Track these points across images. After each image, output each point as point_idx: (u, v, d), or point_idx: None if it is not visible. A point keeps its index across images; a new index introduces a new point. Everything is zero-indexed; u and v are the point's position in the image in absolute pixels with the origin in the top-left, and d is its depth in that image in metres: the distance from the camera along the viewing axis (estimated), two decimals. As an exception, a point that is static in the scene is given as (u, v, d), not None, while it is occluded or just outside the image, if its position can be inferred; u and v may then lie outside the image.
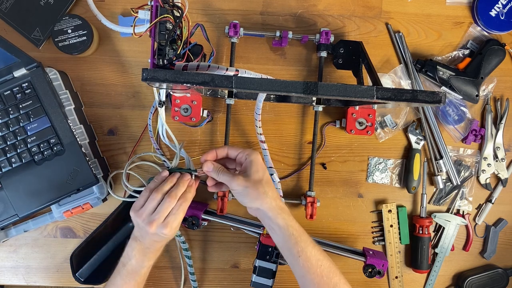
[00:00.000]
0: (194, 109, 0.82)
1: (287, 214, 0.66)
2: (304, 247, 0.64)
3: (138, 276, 0.69)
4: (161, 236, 0.65)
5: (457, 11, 0.88)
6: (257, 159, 0.65)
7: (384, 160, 0.88)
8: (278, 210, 0.65)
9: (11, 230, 0.83)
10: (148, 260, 0.69)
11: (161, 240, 0.67)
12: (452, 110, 0.87)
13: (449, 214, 0.88)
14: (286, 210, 0.66)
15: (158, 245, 0.69)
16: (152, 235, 0.65)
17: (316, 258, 0.65)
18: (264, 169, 0.66)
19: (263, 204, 0.64)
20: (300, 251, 0.64)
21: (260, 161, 0.66)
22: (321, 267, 0.65)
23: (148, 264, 0.69)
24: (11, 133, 0.75)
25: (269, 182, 0.66)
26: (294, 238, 0.65)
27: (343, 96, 0.58)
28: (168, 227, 0.64)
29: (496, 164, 0.88)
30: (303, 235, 0.66)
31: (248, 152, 0.66)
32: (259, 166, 0.65)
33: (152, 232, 0.64)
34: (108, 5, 0.85)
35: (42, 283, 0.87)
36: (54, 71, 0.79)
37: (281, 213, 0.65)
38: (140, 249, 0.68)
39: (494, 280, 0.88)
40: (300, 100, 0.84)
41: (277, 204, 0.65)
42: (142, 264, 0.69)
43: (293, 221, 0.66)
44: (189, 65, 0.60)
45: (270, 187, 0.65)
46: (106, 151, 0.85)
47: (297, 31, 0.86)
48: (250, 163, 0.65)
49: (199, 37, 0.68)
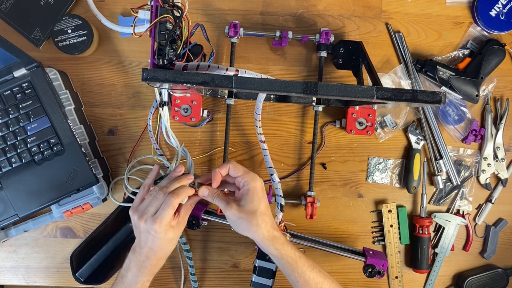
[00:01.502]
0: (194, 109, 0.82)
1: (281, 244, 0.65)
2: (301, 272, 0.64)
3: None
4: (153, 236, 0.63)
5: (457, 11, 0.88)
6: (254, 188, 0.63)
7: (384, 160, 0.88)
8: (270, 241, 0.64)
9: (11, 230, 0.83)
10: (143, 276, 0.66)
11: (154, 243, 0.64)
12: (452, 110, 0.87)
13: (449, 214, 0.88)
14: (280, 239, 0.65)
15: (153, 257, 0.65)
16: (144, 234, 0.64)
17: (315, 281, 0.65)
18: (261, 199, 0.64)
19: (255, 236, 0.64)
20: (298, 277, 0.65)
21: (258, 190, 0.64)
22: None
23: (143, 280, 0.66)
24: (11, 133, 0.75)
25: (264, 213, 0.64)
26: (289, 266, 0.65)
27: (343, 96, 0.58)
28: (157, 222, 0.62)
29: (496, 164, 0.88)
30: (299, 260, 0.65)
31: (247, 178, 0.64)
32: (255, 196, 0.63)
33: (143, 228, 0.63)
34: (108, 5, 0.85)
35: (42, 283, 0.87)
36: (54, 71, 0.79)
37: (274, 243, 0.64)
38: (136, 263, 0.66)
39: (494, 280, 0.88)
40: (300, 100, 0.84)
41: (270, 234, 0.64)
42: (137, 279, 0.66)
43: (287, 249, 0.65)
44: (189, 65, 0.60)
45: (264, 219, 0.63)
46: (106, 151, 0.85)
47: (297, 31, 0.86)
48: (247, 191, 0.63)
49: (199, 37, 0.68)
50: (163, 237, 0.64)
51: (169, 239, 0.65)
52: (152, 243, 0.64)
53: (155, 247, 0.65)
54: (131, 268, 0.66)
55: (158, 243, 0.64)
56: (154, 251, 0.65)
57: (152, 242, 0.64)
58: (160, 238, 0.63)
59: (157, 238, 0.63)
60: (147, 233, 0.64)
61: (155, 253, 0.65)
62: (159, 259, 0.67)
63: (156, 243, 0.64)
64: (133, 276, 0.66)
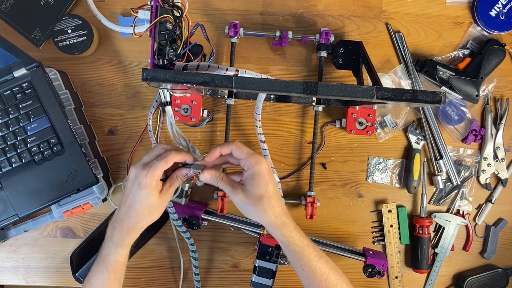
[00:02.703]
0: (194, 109, 0.82)
1: (289, 230, 0.63)
2: (308, 261, 0.63)
3: (105, 265, 0.63)
4: (137, 185, 0.59)
5: (457, 11, 0.88)
6: (260, 172, 0.59)
7: (384, 160, 0.88)
8: (278, 227, 0.62)
9: (11, 230, 0.83)
10: (114, 246, 0.62)
11: (136, 196, 0.60)
12: (452, 110, 0.87)
13: (449, 214, 0.88)
14: (289, 226, 0.63)
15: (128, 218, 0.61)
16: (130, 183, 0.60)
17: (321, 272, 0.63)
18: (267, 183, 0.60)
19: (262, 221, 0.62)
20: (304, 265, 0.63)
21: (264, 173, 0.60)
22: (327, 280, 0.63)
23: (114, 251, 0.62)
24: (11, 133, 0.75)
25: (271, 197, 0.61)
26: (296, 254, 0.63)
27: (343, 96, 0.58)
28: (146, 168, 0.59)
29: (496, 164, 0.88)
30: (306, 249, 0.63)
31: (253, 161, 0.60)
32: (261, 180, 0.59)
33: (131, 176, 0.60)
34: (108, 5, 0.85)
35: (42, 283, 0.87)
36: (54, 71, 0.79)
37: (281, 230, 0.62)
38: (109, 232, 0.63)
39: (494, 280, 0.88)
40: (300, 100, 0.84)
41: (277, 220, 0.62)
42: (108, 250, 0.63)
43: (295, 236, 0.63)
44: (189, 65, 0.60)
45: (271, 204, 0.61)
46: (106, 151, 0.85)
47: (297, 31, 0.86)
48: (252, 175, 0.60)
49: (199, 37, 0.68)
50: (144, 193, 0.60)
51: (148, 203, 0.61)
52: (132, 197, 0.61)
53: (133, 202, 0.61)
54: (106, 240, 0.64)
55: (138, 196, 0.60)
56: (131, 209, 0.61)
57: (133, 194, 0.60)
58: (142, 190, 0.59)
59: (139, 189, 0.60)
60: (132, 181, 0.60)
61: (130, 213, 0.61)
62: (132, 225, 0.62)
63: (136, 196, 0.60)
64: (106, 247, 0.63)
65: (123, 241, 0.63)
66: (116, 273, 0.64)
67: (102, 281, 0.63)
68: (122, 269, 0.65)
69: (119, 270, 0.64)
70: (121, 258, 0.64)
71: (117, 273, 0.64)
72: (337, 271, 0.65)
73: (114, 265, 0.63)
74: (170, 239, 0.86)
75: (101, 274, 0.63)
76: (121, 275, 0.65)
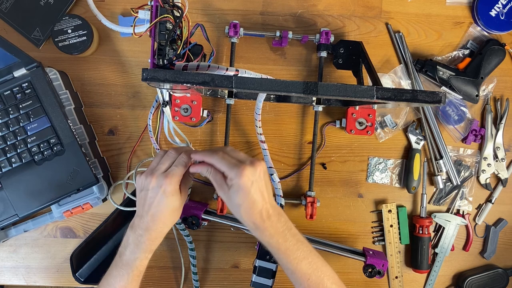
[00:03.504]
0: (194, 109, 0.82)
1: (268, 236, 0.62)
2: (286, 263, 0.63)
3: (131, 269, 0.64)
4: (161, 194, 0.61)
5: (457, 11, 0.88)
6: (238, 185, 0.59)
7: (384, 160, 0.88)
8: (256, 231, 0.62)
9: (11, 230, 0.83)
10: (141, 252, 0.64)
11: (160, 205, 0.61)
12: (452, 110, 0.87)
13: (449, 214, 0.88)
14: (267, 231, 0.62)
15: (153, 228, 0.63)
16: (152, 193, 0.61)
17: (303, 273, 0.63)
18: (247, 195, 0.59)
19: (239, 220, 0.63)
20: (283, 266, 0.64)
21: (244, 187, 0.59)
22: (309, 280, 0.63)
23: (141, 256, 0.64)
24: (11, 133, 0.75)
25: (249, 208, 0.60)
26: (275, 255, 0.64)
27: (343, 96, 0.58)
28: (168, 177, 0.60)
29: (496, 164, 0.88)
30: (286, 252, 0.63)
31: (232, 175, 0.59)
32: (240, 192, 0.59)
33: (152, 186, 0.61)
34: (108, 5, 0.85)
35: (42, 283, 0.87)
36: (54, 71, 0.79)
37: (260, 234, 0.62)
38: (134, 237, 0.64)
39: (494, 280, 0.88)
40: (300, 100, 0.84)
41: (255, 226, 0.61)
42: (135, 256, 0.64)
43: (273, 241, 0.62)
44: (189, 65, 0.60)
45: (249, 212, 0.60)
46: (106, 151, 0.85)
47: (297, 31, 0.86)
48: (232, 187, 0.60)
49: (199, 37, 0.68)
50: (170, 200, 0.61)
51: (173, 208, 0.62)
52: (157, 205, 0.61)
53: (159, 211, 0.62)
54: (129, 245, 0.64)
55: (164, 204, 0.61)
56: (156, 217, 0.62)
57: (158, 203, 0.61)
58: (168, 197, 0.61)
59: (165, 197, 0.61)
60: (155, 191, 0.61)
61: (156, 221, 0.62)
62: (158, 232, 0.64)
63: (162, 205, 0.61)
64: (130, 252, 0.64)
65: (152, 248, 0.65)
66: (139, 276, 0.66)
67: (125, 284, 0.65)
68: (143, 272, 0.67)
69: (142, 274, 0.67)
70: (146, 262, 0.66)
71: (140, 276, 0.67)
72: (323, 271, 0.64)
73: (140, 269, 0.66)
74: (170, 239, 0.86)
75: (124, 278, 0.65)
76: (141, 278, 0.68)
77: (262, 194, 0.61)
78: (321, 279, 0.64)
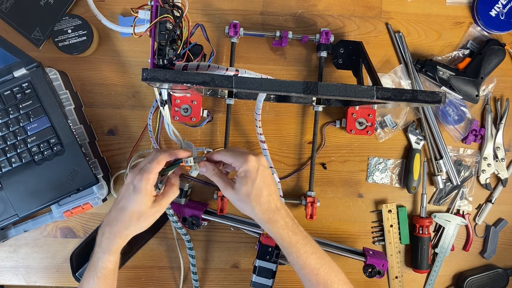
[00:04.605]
0: (194, 109, 0.82)
1: (277, 227, 0.63)
2: (296, 257, 0.63)
3: (95, 271, 0.62)
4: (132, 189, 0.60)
5: (457, 11, 0.88)
6: (246, 172, 0.61)
7: (384, 160, 0.88)
8: (266, 223, 0.63)
9: (11, 230, 0.83)
10: (101, 252, 0.62)
11: (130, 199, 0.60)
12: (452, 110, 0.87)
13: (449, 214, 0.88)
14: (277, 223, 0.63)
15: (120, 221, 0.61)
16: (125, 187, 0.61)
17: (311, 267, 0.64)
18: (254, 181, 0.61)
19: (251, 216, 0.64)
20: (293, 261, 0.64)
21: (249, 173, 0.61)
22: (317, 275, 0.64)
23: (102, 257, 0.62)
24: (11, 133, 0.75)
25: (259, 195, 0.62)
26: (285, 249, 0.64)
27: (343, 96, 0.58)
28: (140, 173, 0.60)
29: (496, 164, 0.88)
30: (296, 245, 0.64)
31: (238, 163, 0.62)
32: (247, 179, 0.61)
33: (127, 181, 0.61)
34: (108, 5, 0.85)
35: (42, 283, 0.87)
36: (54, 71, 0.79)
37: (269, 226, 0.63)
38: (99, 237, 0.63)
39: (494, 280, 0.88)
40: (300, 100, 0.84)
41: (265, 217, 0.63)
42: (97, 256, 0.62)
43: (283, 233, 0.63)
44: (189, 65, 0.60)
45: (259, 201, 0.62)
46: (106, 151, 0.85)
47: (297, 31, 0.86)
48: (239, 176, 0.62)
49: (199, 37, 0.68)
50: (137, 197, 0.60)
51: (141, 209, 0.61)
52: (127, 199, 0.60)
53: (124, 207, 0.61)
54: (95, 246, 0.63)
55: (131, 200, 0.60)
56: (121, 214, 0.61)
57: (128, 197, 0.60)
58: (135, 194, 0.60)
59: (133, 193, 0.60)
60: (127, 186, 0.61)
61: (119, 218, 0.61)
62: (117, 231, 0.62)
63: (130, 200, 0.60)
64: (95, 252, 0.63)
65: (110, 247, 0.62)
66: (106, 279, 0.63)
67: (92, 286, 0.63)
68: (112, 276, 0.64)
69: (109, 277, 0.63)
70: (110, 265, 0.63)
71: (107, 279, 0.63)
72: (331, 267, 0.65)
73: (103, 272, 0.63)
74: (170, 239, 0.86)
75: (91, 280, 0.63)
76: (112, 282, 0.64)
77: (268, 183, 0.63)
78: (329, 274, 0.65)
